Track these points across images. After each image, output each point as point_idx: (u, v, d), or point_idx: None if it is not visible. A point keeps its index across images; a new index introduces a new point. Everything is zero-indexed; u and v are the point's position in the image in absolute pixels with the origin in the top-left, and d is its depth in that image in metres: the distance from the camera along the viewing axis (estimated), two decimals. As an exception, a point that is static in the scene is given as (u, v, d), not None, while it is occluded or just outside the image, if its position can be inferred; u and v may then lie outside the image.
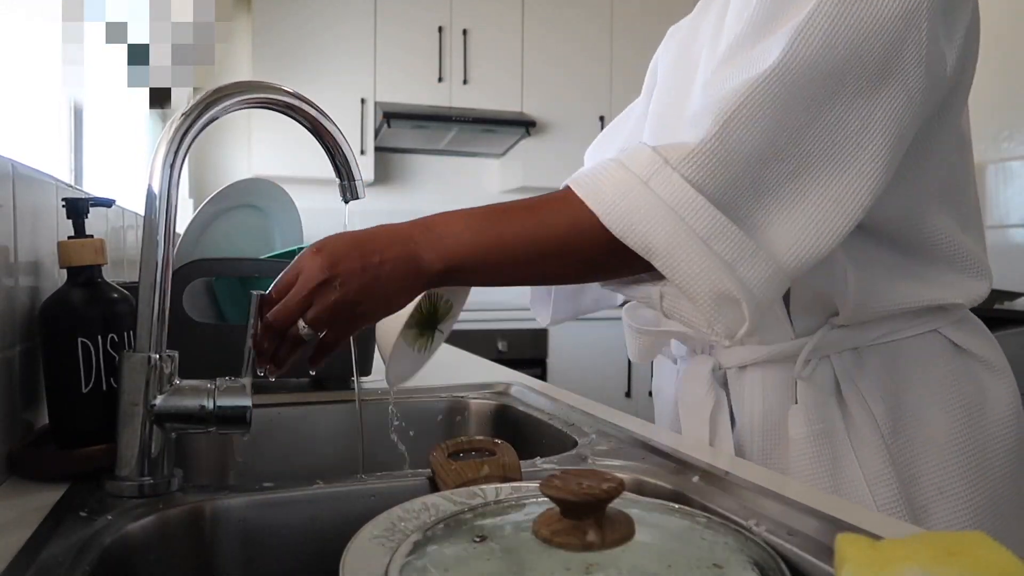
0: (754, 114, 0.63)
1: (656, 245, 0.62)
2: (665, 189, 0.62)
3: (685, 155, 0.63)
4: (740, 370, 0.82)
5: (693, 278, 0.62)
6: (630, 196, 0.63)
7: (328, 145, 0.75)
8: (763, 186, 0.63)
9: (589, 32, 3.70)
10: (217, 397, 0.64)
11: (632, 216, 0.63)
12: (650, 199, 0.62)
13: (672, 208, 0.62)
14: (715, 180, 0.62)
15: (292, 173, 3.23)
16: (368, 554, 0.52)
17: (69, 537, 0.53)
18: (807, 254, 0.63)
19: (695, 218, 0.62)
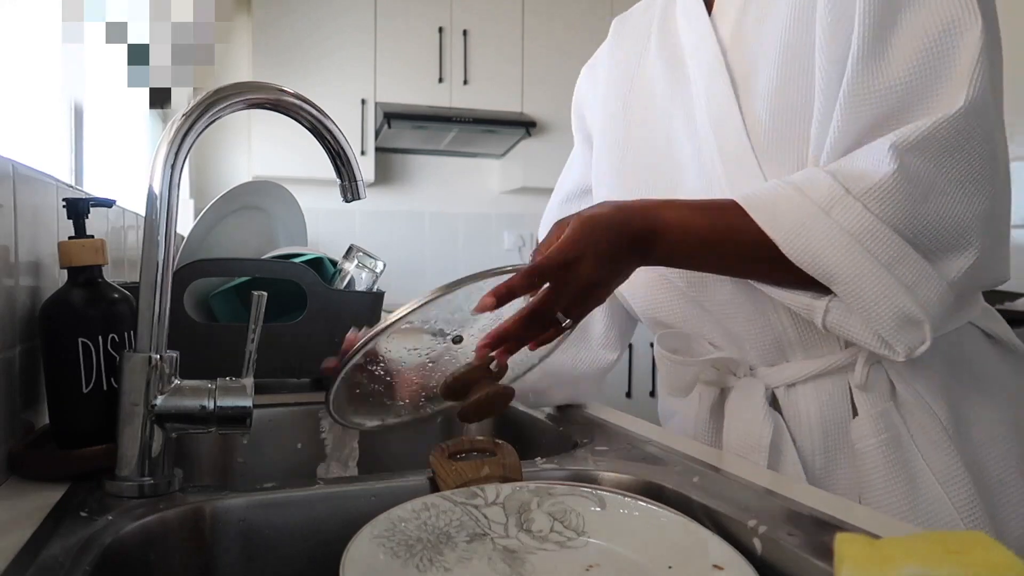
0: (940, 150, 0.65)
1: (838, 273, 0.65)
2: (847, 219, 0.65)
3: (868, 188, 0.65)
4: (789, 388, 0.79)
5: (876, 303, 0.65)
6: (810, 225, 0.65)
7: (329, 145, 0.75)
8: (939, 215, 0.65)
9: (589, 32, 3.69)
10: (217, 397, 0.64)
11: (813, 245, 0.65)
12: (832, 229, 0.65)
13: (855, 237, 0.64)
14: (897, 212, 0.64)
15: (292, 173, 3.23)
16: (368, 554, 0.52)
17: (69, 537, 0.53)
18: (976, 279, 0.67)
19: (879, 246, 0.64)
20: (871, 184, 0.65)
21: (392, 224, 3.86)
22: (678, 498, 0.64)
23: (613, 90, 0.94)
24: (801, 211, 0.66)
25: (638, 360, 3.45)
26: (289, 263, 1.09)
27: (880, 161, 0.65)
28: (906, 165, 0.65)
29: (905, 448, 0.74)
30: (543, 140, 3.64)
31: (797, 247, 0.66)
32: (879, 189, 0.64)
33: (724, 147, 0.78)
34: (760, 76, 0.77)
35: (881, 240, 0.64)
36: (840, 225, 0.65)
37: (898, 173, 0.64)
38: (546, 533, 0.58)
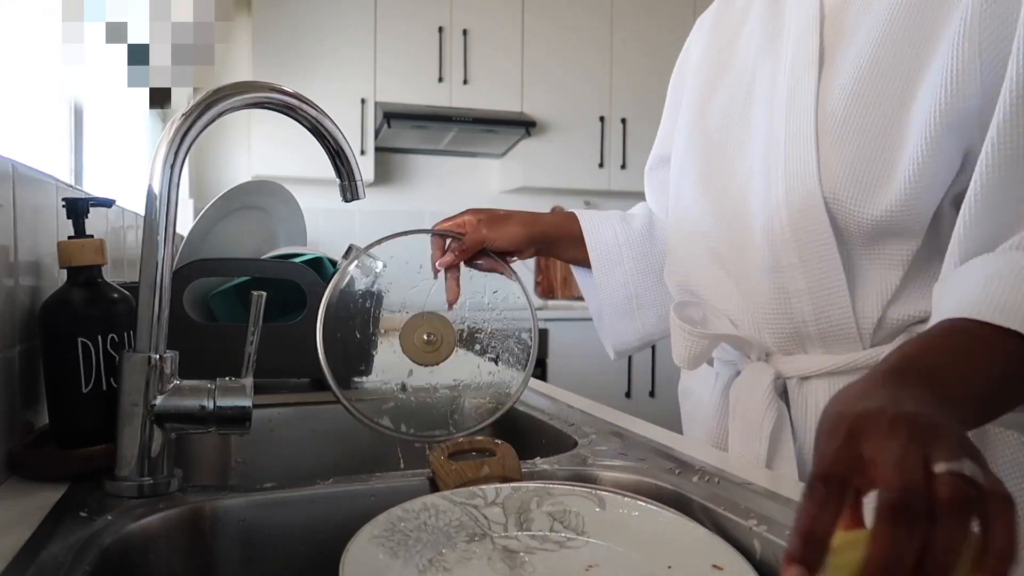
0: None
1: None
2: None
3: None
4: (802, 380, 0.77)
5: None
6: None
7: (328, 145, 0.75)
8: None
9: (589, 32, 3.70)
10: (217, 397, 0.64)
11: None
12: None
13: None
14: None
15: (292, 173, 3.23)
16: (368, 554, 0.52)
17: (69, 537, 0.53)
18: None
19: None
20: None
21: (392, 224, 3.84)
22: (678, 498, 0.64)
23: (716, 42, 0.91)
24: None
25: (638, 360, 3.45)
26: (289, 263, 1.09)
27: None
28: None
29: None
30: (543, 140, 3.64)
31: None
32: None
33: (791, 125, 0.75)
34: (849, 57, 0.73)
35: None
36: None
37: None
38: (546, 533, 0.58)
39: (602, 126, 3.70)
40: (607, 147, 3.72)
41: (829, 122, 0.72)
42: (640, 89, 3.66)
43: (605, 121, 3.70)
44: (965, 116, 0.67)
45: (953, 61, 0.66)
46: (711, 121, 0.87)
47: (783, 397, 0.78)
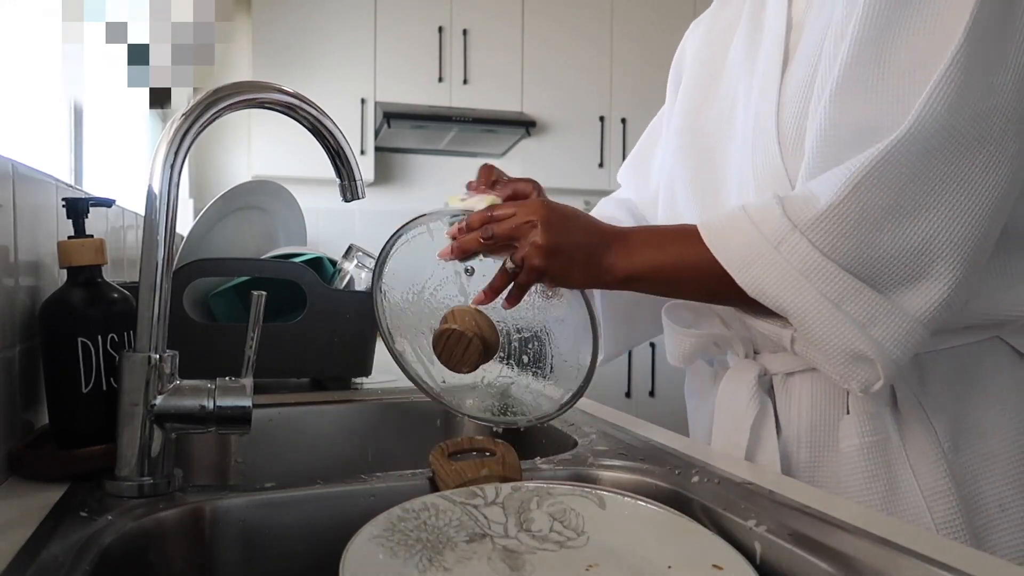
0: (890, 174, 0.63)
1: (788, 307, 0.65)
2: (794, 255, 0.65)
3: (814, 219, 0.65)
4: (787, 376, 0.79)
5: (825, 339, 0.64)
6: (760, 260, 0.66)
7: (328, 145, 0.75)
8: (896, 246, 0.64)
9: (589, 32, 3.70)
10: (217, 397, 0.64)
11: (764, 280, 0.66)
12: (780, 264, 0.65)
13: (803, 274, 0.64)
14: (844, 244, 0.64)
15: (292, 173, 3.23)
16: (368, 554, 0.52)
17: (69, 537, 0.53)
18: (948, 306, 0.64)
19: (825, 283, 0.64)
20: (815, 214, 0.64)
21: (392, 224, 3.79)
22: (678, 498, 0.64)
23: (705, 52, 0.93)
24: (753, 245, 0.66)
25: (638, 360, 3.45)
26: (289, 263, 1.09)
27: (832, 188, 0.64)
28: (860, 192, 0.63)
29: (893, 455, 0.72)
30: (543, 139, 3.64)
31: (749, 280, 0.66)
32: (824, 219, 0.64)
33: (757, 129, 0.78)
34: (802, 57, 0.75)
35: (828, 277, 0.64)
36: (788, 261, 0.65)
37: (846, 202, 0.63)
38: (546, 533, 0.58)
39: (602, 126, 3.70)
40: (607, 147, 3.72)
41: (786, 125, 0.75)
42: (640, 89, 3.66)
43: (605, 121, 3.70)
44: None
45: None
46: (701, 129, 0.89)
47: (769, 393, 0.80)
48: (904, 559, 0.49)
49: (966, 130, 0.63)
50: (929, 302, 0.64)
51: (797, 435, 0.78)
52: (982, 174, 0.63)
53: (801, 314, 0.65)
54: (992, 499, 0.72)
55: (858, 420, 0.73)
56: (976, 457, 0.72)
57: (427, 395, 0.85)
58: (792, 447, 0.78)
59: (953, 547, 0.51)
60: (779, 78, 0.77)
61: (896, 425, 0.73)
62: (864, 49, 0.67)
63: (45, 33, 1.35)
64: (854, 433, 0.73)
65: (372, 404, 1.02)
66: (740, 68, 0.84)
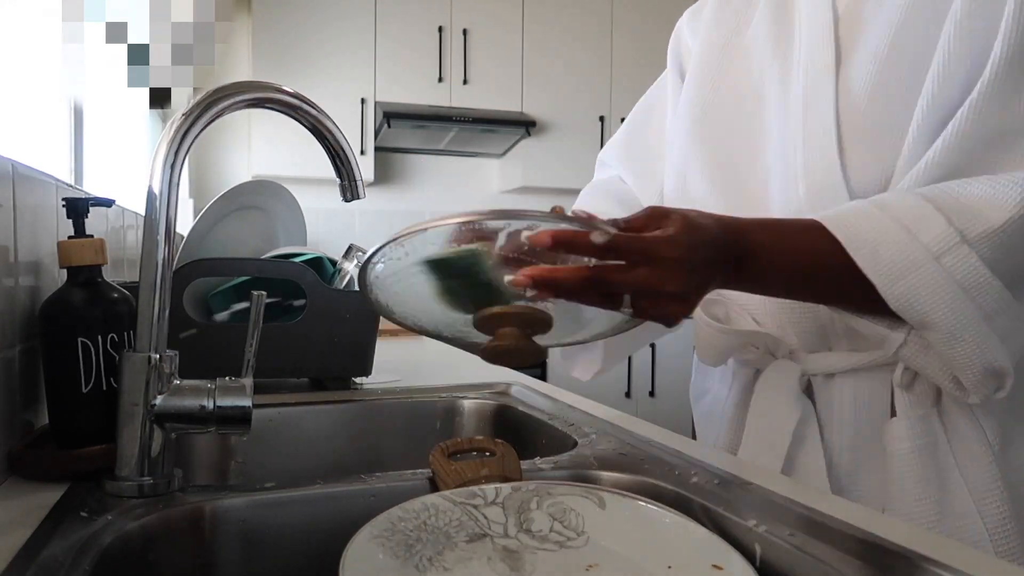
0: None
1: (938, 322, 0.61)
2: (960, 269, 0.61)
3: (987, 231, 0.61)
4: (827, 378, 0.76)
5: (971, 355, 0.62)
6: (916, 272, 0.61)
7: (328, 145, 0.75)
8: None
9: (589, 32, 3.70)
10: (217, 397, 0.64)
11: (916, 292, 0.61)
12: (939, 277, 0.61)
13: (964, 288, 0.60)
14: (1011, 259, 0.61)
15: (292, 173, 3.23)
16: (368, 554, 0.52)
17: (69, 537, 0.53)
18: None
19: (985, 298, 0.61)
20: (991, 228, 0.60)
21: (392, 224, 3.85)
22: (678, 498, 0.64)
23: (716, 37, 0.89)
24: (908, 255, 0.61)
25: (638, 360, 3.45)
26: (289, 263, 1.09)
27: (1006, 201, 0.61)
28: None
29: (941, 457, 0.70)
30: (543, 140, 3.64)
31: (898, 292, 0.61)
32: (1000, 235, 0.60)
33: (809, 124, 0.75)
34: (866, 51, 0.73)
35: (989, 292, 0.61)
36: (950, 274, 0.60)
37: (1021, 220, 0.60)
38: (546, 533, 0.58)
39: (602, 126, 3.70)
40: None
41: (850, 119, 0.72)
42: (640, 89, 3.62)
43: (605, 121, 3.70)
44: (952, 110, 0.68)
45: (945, 56, 0.67)
46: (716, 117, 0.86)
47: (808, 396, 0.78)
48: (904, 560, 0.49)
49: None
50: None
51: (840, 439, 0.75)
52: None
53: (953, 329, 0.61)
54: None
55: (907, 422, 0.71)
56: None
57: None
58: (833, 452, 0.75)
59: (954, 547, 0.51)
60: (834, 72, 0.74)
61: (942, 426, 0.71)
62: (1019, 48, 0.64)
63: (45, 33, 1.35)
64: (904, 436, 0.71)
65: (372, 404, 1.02)
66: (765, 56, 0.81)
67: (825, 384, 0.77)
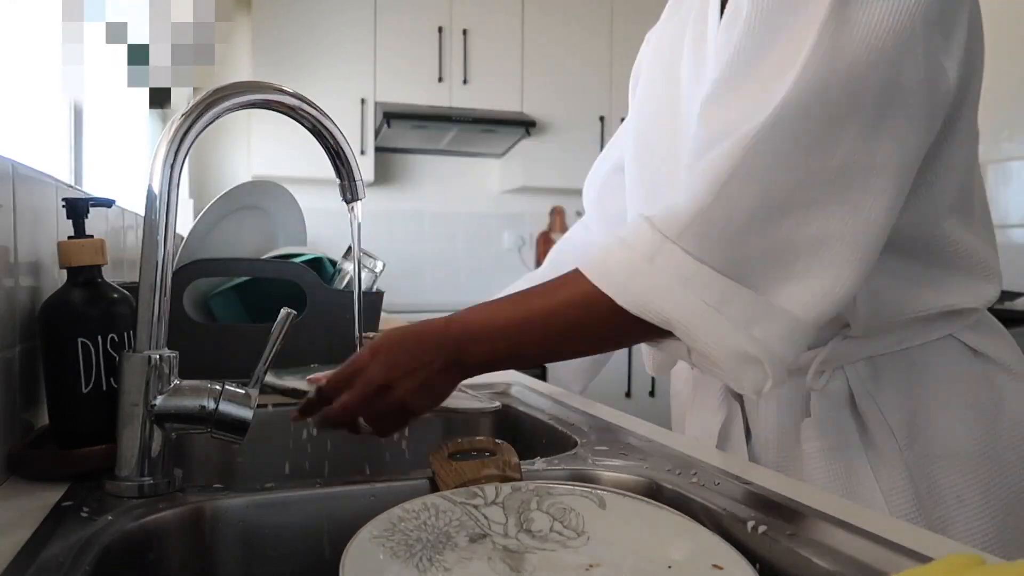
0: (750, 174, 0.62)
1: (671, 317, 0.63)
2: (670, 265, 0.63)
3: (682, 228, 0.63)
4: None
5: (711, 344, 0.63)
6: (639, 277, 0.65)
7: (328, 145, 0.75)
8: (769, 243, 0.62)
9: (589, 32, 3.70)
10: (222, 400, 0.64)
11: (645, 295, 0.64)
12: (658, 277, 0.64)
13: (680, 282, 0.63)
14: (716, 248, 0.63)
15: (292, 173, 3.23)
16: (368, 554, 0.52)
17: (69, 537, 0.53)
18: (827, 302, 0.63)
19: (703, 289, 0.62)
20: (684, 224, 0.63)
21: (392, 224, 3.85)
22: (678, 498, 0.64)
23: (658, 68, 0.93)
24: (629, 263, 0.65)
25: (638, 360, 3.45)
26: (289, 263, 1.09)
27: (695, 194, 0.63)
28: (723, 194, 0.62)
29: (853, 456, 0.74)
30: (543, 140, 3.64)
31: (630, 298, 0.65)
32: (692, 226, 0.63)
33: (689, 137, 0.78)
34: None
35: (705, 282, 0.62)
36: (664, 271, 0.63)
37: (712, 207, 0.62)
38: (546, 533, 0.58)
39: (602, 126, 3.70)
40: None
41: None
42: (640, 89, 3.65)
43: (605, 121, 3.70)
44: None
45: None
46: (654, 146, 0.90)
47: (738, 399, 0.82)
48: (905, 559, 0.49)
49: (821, 128, 0.61)
50: (807, 297, 0.62)
51: (765, 438, 0.80)
52: (841, 173, 0.62)
53: (684, 323, 0.63)
54: (949, 492, 0.74)
55: (819, 423, 0.76)
56: (932, 453, 0.75)
57: None
58: (760, 451, 0.80)
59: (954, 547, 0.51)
60: None
61: (855, 425, 0.75)
62: (739, 58, 0.66)
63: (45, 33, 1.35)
64: (815, 436, 0.76)
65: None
66: (691, 84, 0.84)
67: None
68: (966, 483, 0.74)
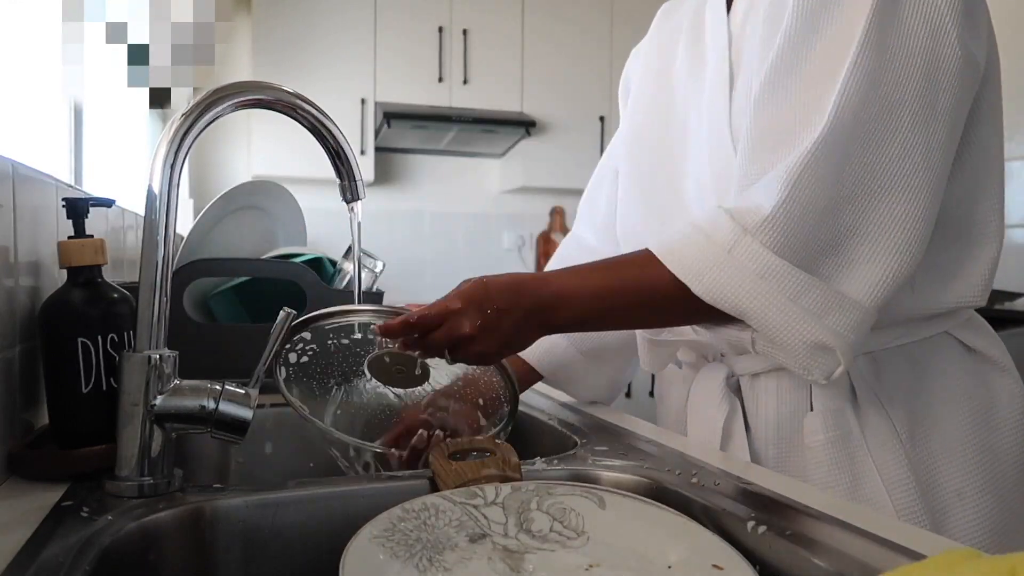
0: (818, 171, 0.66)
1: (747, 308, 0.67)
2: (748, 258, 0.67)
3: (761, 222, 0.67)
4: (753, 377, 0.82)
5: (786, 333, 0.67)
6: (716, 267, 0.68)
7: (328, 145, 0.75)
8: (838, 234, 0.67)
9: (589, 32, 3.69)
10: (221, 400, 0.64)
11: (722, 286, 0.68)
12: (736, 268, 0.67)
13: (758, 275, 0.66)
14: (793, 241, 0.67)
15: (292, 173, 3.22)
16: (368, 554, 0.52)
17: (69, 537, 0.53)
18: (889, 286, 0.67)
19: (780, 281, 0.66)
20: (763, 218, 0.67)
21: (392, 224, 3.85)
22: (678, 498, 0.64)
23: (649, 76, 0.96)
24: (707, 253, 0.68)
25: (638, 360, 3.45)
26: (289, 263, 1.09)
27: (771, 192, 0.67)
28: (796, 192, 0.66)
29: (855, 449, 0.76)
30: (543, 140, 3.64)
31: (706, 287, 0.68)
32: (771, 222, 0.67)
33: (712, 134, 0.80)
34: (744, 68, 0.79)
35: (782, 275, 0.66)
36: (742, 264, 0.67)
37: (787, 203, 0.66)
38: (546, 533, 0.58)
39: (602, 126, 3.70)
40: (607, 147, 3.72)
41: (738, 132, 0.78)
42: (640, 89, 3.65)
43: (605, 121, 3.70)
44: None
45: None
46: (651, 148, 0.92)
47: (737, 394, 0.83)
48: (905, 559, 0.49)
49: (878, 121, 0.67)
50: (871, 282, 0.67)
51: (765, 433, 0.81)
52: (900, 161, 0.67)
53: (760, 313, 0.67)
54: (949, 487, 0.76)
55: (822, 416, 0.77)
56: (932, 447, 0.76)
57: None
58: (761, 444, 0.81)
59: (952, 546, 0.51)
60: (728, 89, 0.80)
61: (857, 419, 0.77)
62: (784, 59, 0.71)
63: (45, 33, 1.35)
64: (818, 429, 0.77)
65: (372, 404, 1.02)
66: (687, 85, 0.87)
67: (751, 383, 0.82)
68: (965, 477, 0.75)
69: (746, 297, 0.67)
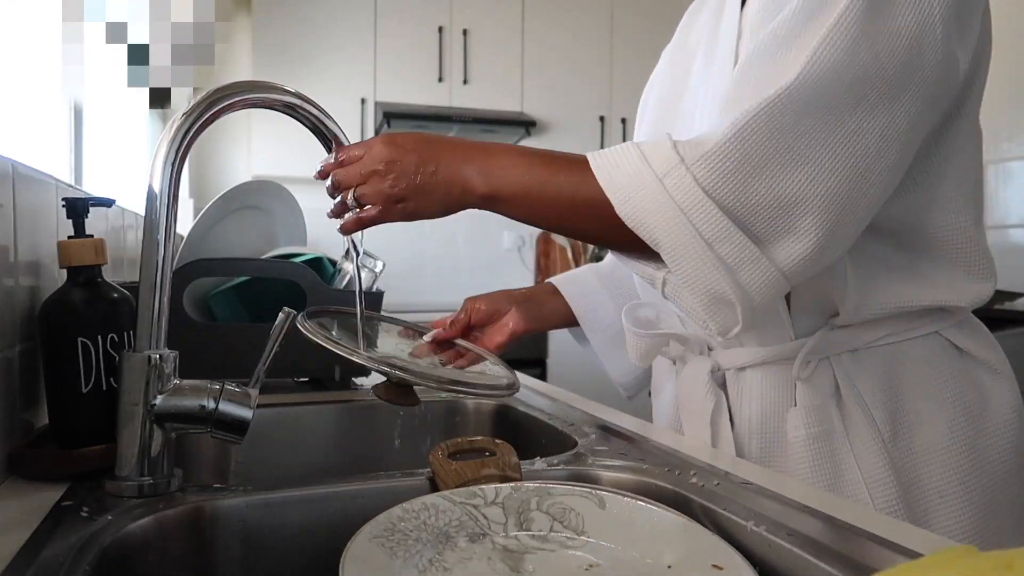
0: (773, 122, 0.64)
1: (663, 240, 0.65)
2: (677, 189, 0.65)
3: (701, 155, 0.65)
4: (739, 371, 0.82)
5: (693, 277, 0.65)
6: (643, 191, 0.66)
7: (329, 145, 0.75)
8: (773, 194, 0.64)
9: (589, 32, 3.70)
10: (221, 400, 0.64)
11: (644, 211, 0.66)
12: (662, 197, 0.65)
13: (682, 209, 0.64)
14: (726, 184, 0.64)
15: (292, 173, 3.22)
16: (368, 554, 0.52)
17: (69, 537, 0.53)
18: (811, 263, 0.66)
19: (702, 221, 0.64)
20: (704, 151, 0.65)
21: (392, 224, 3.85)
22: (678, 498, 0.64)
23: (671, 71, 0.96)
24: (638, 175, 0.66)
25: (638, 360, 3.45)
26: (289, 263, 1.09)
27: (718, 131, 0.65)
28: (743, 137, 0.64)
29: (837, 446, 0.76)
30: (543, 140, 3.64)
31: (629, 211, 0.66)
32: (710, 156, 0.64)
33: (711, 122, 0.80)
34: None
35: (706, 215, 0.64)
36: (670, 195, 0.65)
37: (731, 143, 0.64)
38: (546, 533, 0.58)
39: (602, 126, 3.70)
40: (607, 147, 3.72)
41: None
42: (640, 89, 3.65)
43: (605, 121, 3.70)
44: None
45: None
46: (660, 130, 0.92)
47: (723, 388, 0.83)
48: (904, 559, 0.49)
49: (844, 91, 0.64)
50: (793, 255, 0.65)
51: (749, 427, 0.81)
52: (854, 137, 0.65)
53: (675, 249, 0.65)
54: (931, 487, 0.75)
55: (804, 412, 0.77)
56: (914, 447, 0.76)
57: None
58: (744, 439, 0.81)
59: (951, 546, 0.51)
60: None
61: (840, 416, 0.77)
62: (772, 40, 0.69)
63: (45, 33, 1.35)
64: (800, 424, 0.77)
65: (372, 404, 1.02)
66: (700, 80, 0.87)
67: (736, 377, 0.82)
68: (948, 478, 0.75)
69: (665, 229, 0.65)
